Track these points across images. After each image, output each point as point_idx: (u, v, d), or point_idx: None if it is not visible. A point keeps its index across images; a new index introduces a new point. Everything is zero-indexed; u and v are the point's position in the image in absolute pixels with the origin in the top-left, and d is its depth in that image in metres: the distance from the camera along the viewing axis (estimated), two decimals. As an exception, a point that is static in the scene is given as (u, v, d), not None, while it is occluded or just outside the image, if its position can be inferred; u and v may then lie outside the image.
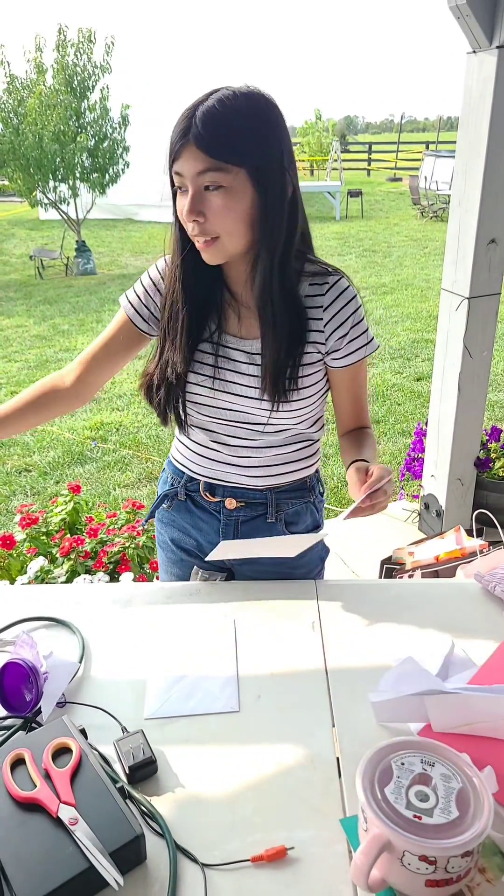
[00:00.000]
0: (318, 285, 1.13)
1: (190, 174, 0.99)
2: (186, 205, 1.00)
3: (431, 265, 9.60)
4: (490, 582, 1.18)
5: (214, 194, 0.99)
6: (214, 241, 1.04)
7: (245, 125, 0.98)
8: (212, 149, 0.96)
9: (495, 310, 2.60)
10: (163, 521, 1.39)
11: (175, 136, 0.98)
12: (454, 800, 0.71)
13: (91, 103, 10.08)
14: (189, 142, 0.96)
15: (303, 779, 0.86)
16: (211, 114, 0.96)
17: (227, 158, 0.97)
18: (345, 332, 1.15)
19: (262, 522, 1.28)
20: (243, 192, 1.00)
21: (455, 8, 2.13)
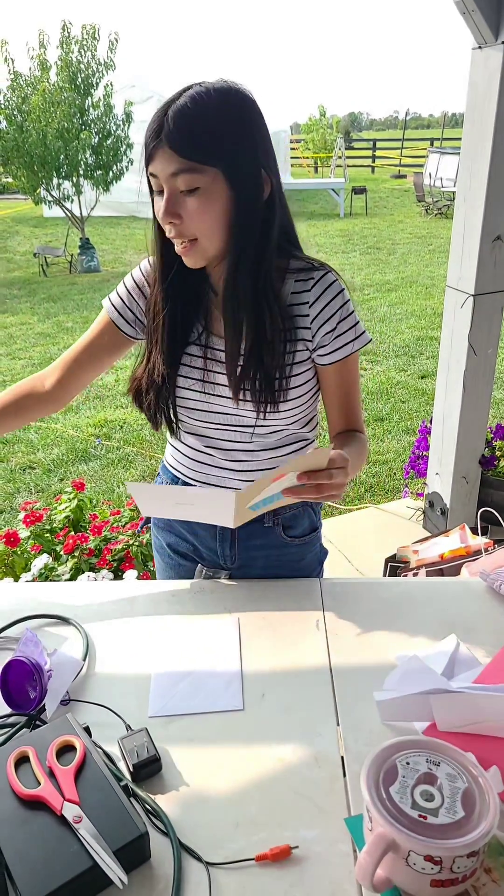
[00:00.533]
0: (303, 281, 1.10)
1: (164, 176, 0.96)
2: (162, 207, 0.98)
3: (436, 262, 9.57)
4: (496, 580, 1.17)
5: (190, 196, 0.97)
6: (193, 244, 1.01)
7: (218, 123, 0.95)
8: (184, 149, 0.93)
9: (500, 307, 2.59)
10: (158, 526, 1.37)
11: (148, 137, 0.95)
12: (460, 799, 0.70)
13: (95, 100, 10.06)
14: (162, 143, 0.94)
15: (307, 777, 0.85)
16: (183, 113, 0.93)
17: (200, 159, 0.94)
18: (332, 328, 1.11)
19: (260, 527, 1.26)
20: (219, 193, 0.97)
21: (460, 3, 2.11)
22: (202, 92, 0.95)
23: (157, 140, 0.94)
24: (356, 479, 3.82)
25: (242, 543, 1.27)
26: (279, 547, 1.28)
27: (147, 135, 0.96)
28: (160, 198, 0.99)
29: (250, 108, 0.98)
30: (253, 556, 1.28)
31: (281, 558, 1.29)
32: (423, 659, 1.00)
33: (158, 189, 0.99)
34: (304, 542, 1.31)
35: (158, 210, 1.00)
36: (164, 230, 1.03)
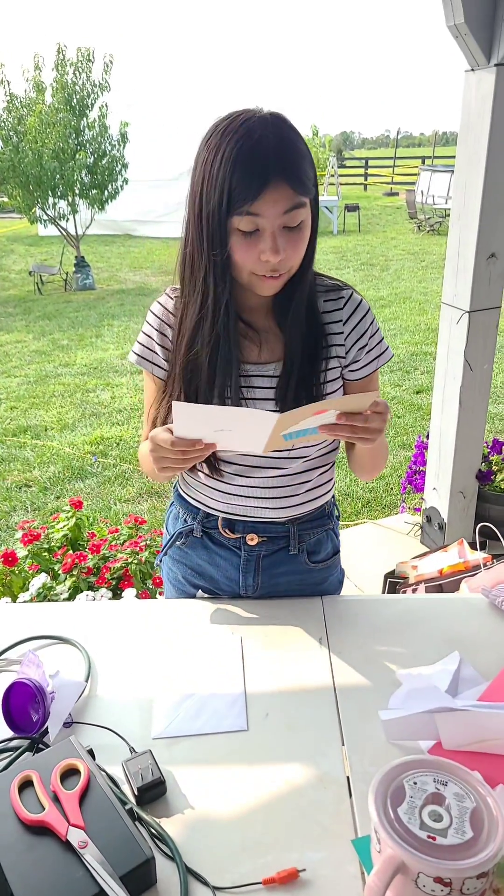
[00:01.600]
0: (333, 300, 1.14)
1: (274, 214, 0.94)
2: (269, 247, 0.95)
3: (429, 278, 9.66)
4: (497, 596, 1.17)
5: (293, 230, 0.97)
6: (284, 274, 1.01)
7: (308, 155, 0.96)
8: (298, 184, 0.93)
9: (495, 323, 2.61)
10: (174, 558, 1.33)
11: (253, 178, 0.91)
12: (468, 819, 0.70)
13: (90, 121, 10.18)
14: (275, 181, 0.91)
15: (313, 799, 0.85)
16: (291, 147, 0.93)
17: (306, 192, 0.95)
18: (364, 344, 1.15)
19: (285, 555, 1.24)
20: (309, 222, 0.99)
21: (453, 27, 2.16)
22: (281, 123, 0.94)
23: (267, 177, 0.91)
24: (353, 495, 3.83)
25: (266, 572, 1.25)
26: (302, 573, 1.27)
27: (244, 174, 0.91)
28: (250, 237, 0.96)
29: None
30: (276, 583, 1.26)
31: (303, 583, 1.28)
32: (427, 676, 1.00)
33: (252, 229, 0.95)
34: (327, 565, 1.30)
35: (262, 251, 0.96)
36: (226, 274, 1.00)
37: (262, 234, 0.96)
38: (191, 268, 1.04)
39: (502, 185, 2.35)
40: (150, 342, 1.18)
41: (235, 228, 0.96)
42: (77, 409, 5.32)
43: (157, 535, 2.36)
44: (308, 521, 1.25)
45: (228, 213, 0.94)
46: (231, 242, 0.97)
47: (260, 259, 0.97)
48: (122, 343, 7.08)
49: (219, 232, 0.96)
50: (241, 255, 0.98)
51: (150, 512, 3.76)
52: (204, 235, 0.98)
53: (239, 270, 1.01)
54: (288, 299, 1.08)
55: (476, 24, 2.11)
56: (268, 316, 1.13)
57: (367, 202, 19.86)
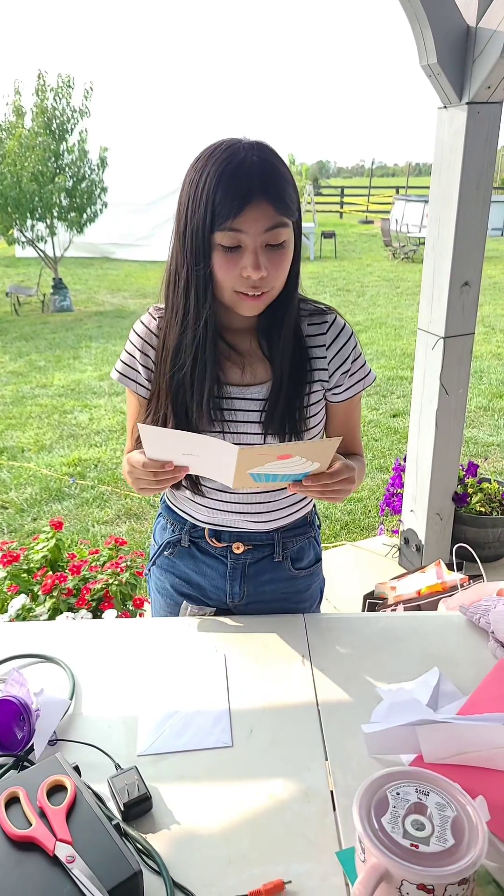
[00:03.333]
0: (317, 324, 1.17)
1: (256, 231, 0.97)
2: (251, 263, 0.98)
3: (404, 304, 9.84)
4: (475, 614, 1.21)
5: (276, 250, 1.00)
6: (266, 294, 1.04)
7: (291, 176, 1.01)
8: (280, 204, 0.97)
9: (469, 348, 2.68)
10: (162, 567, 1.36)
11: (235, 195, 0.95)
12: (449, 828, 0.72)
13: (70, 145, 10.28)
14: (257, 198, 0.96)
15: (298, 813, 0.86)
16: (273, 169, 0.98)
17: (288, 213, 0.99)
18: (347, 368, 1.18)
19: (270, 562, 1.29)
20: (292, 243, 1.03)
21: (427, 67, 2.25)
22: (265, 147, 1.00)
23: (250, 196, 0.95)
24: (331, 517, 3.86)
25: (252, 580, 1.29)
26: (287, 580, 1.31)
27: (226, 193, 0.95)
28: (231, 253, 0.99)
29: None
30: (261, 591, 1.30)
31: (287, 590, 1.32)
32: (408, 692, 1.03)
33: (234, 244, 0.98)
34: (310, 572, 1.35)
35: (243, 267, 0.99)
36: (206, 291, 1.03)
37: (243, 251, 0.99)
38: (174, 284, 1.07)
39: (474, 216, 2.43)
40: (132, 360, 1.20)
41: (218, 244, 0.99)
42: (54, 431, 5.30)
43: (138, 557, 2.36)
44: (291, 528, 1.29)
45: (212, 229, 0.98)
46: (213, 259, 1.00)
47: (241, 275, 1.00)
48: (100, 365, 7.08)
49: (202, 248, 1.00)
50: (223, 271, 1.01)
51: (129, 534, 3.75)
52: (188, 251, 1.02)
53: (221, 288, 1.03)
54: (273, 323, 1.11)
55: (448, 64, 2.20)
56: (252, 339, 1.16)
57: (343, 229, 20.22)
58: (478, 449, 4.81)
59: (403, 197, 17.67)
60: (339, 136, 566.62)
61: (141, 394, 1.20)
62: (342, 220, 24.34)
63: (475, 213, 2.43)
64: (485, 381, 6.28)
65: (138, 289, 11.74)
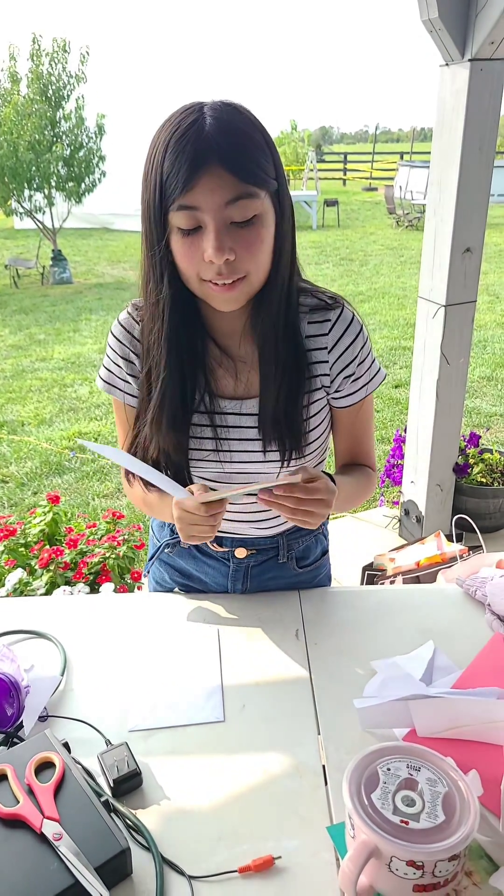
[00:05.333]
0: (318, 323, 1.01)
1: (214, 206, 0.81)
2: (212, 244, 0.82)
3: (407, 273, 9.71)
4: (471, 586, 1.19)
5: (245, 227, 0.84)
6: (241, 282, 0.87)
7: (263, 140, 0.84)
8: (242, 171, 0.80)
9: (471, 317, 2.64)
10: (162, 560, 1.29)
11: (182, 163, 0.79)
12: (440, 804, 0.71)
13: (66, 112, 10.07)
14: (210, 165, 0.79)
15: (289, 788, 0.85)
16: (232, 129, 0.80)
17: (255, 181, 0.82)
18: (351, 373, 1.04)
19: (274, 563, 1.23)
20: (269, 219, 0.86)
21: (427, 22, 2.17)
22: (229, 108, 0.82)
23: (202, 164, 0.79)
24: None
25: (255, 579, 1.24)
26: (291, 577, 1.25)
27: (177, 163, 0.79)
28: (190, 236, 0.84)
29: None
30: (265, 587, 1.25)
31: (291, 584, 1.26)
32: (402, 665, 1.01)
33: (191, 226, 0.83)
34: (316, 566, 1.29)
35: (205, 250, 0.83)
36: (176, 279, 0.89)
37: (204, 231, 0.83)
38: (142, 277, 0.94)
39: (477, 179, 2.37)
40: (118, 370, 1.07)
41: (175, 227, 0.85)
42: (54, 404, 5.27)
43: (136, 530, 2.36)
44: (297, 530, 1.22)
45: (164, 208, 0.83)
46: (172, 244, 0.86)
47: (204, 260, 0.85)
48: (100, 337, 7.03)
49: (156, 230, 0.86)
50: (184, 258, 0.86)
51: (129, 507, 3.74)
52: (144, 236, 0.89)
53: (186, 279, 0.89)
54: (263, 321, 0.96)
55: (450, 18, 2.12)
56: (245, 342, 1.01)
57: (346, 197, 19.91)
58: (480, 419, 4.77)
59: (408, 163, 17.32)
60: (343, 101, 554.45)
61: (131, 404, 1.08)
62: (345, 188, 23.94)
63: (478, 175, 2.36)
64: (489, 351, 6.22)
65: (139, 260, 11.56)
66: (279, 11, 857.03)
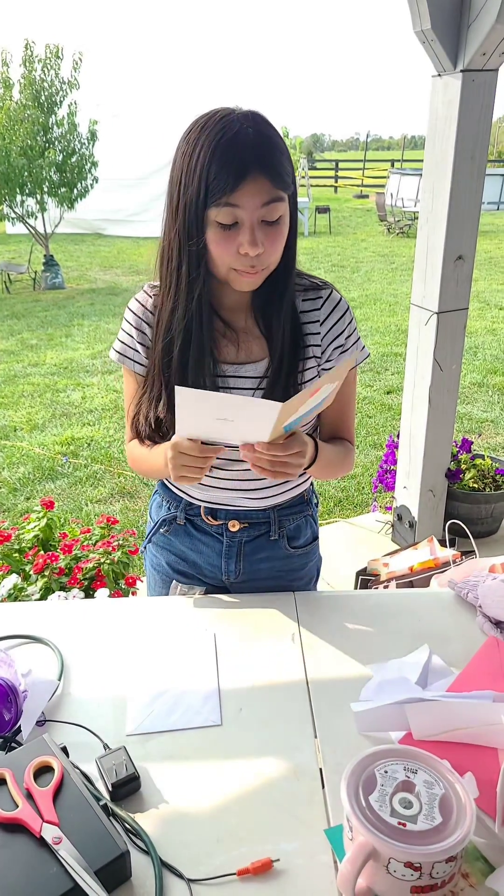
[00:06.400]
0: (311, 300, 1.15)
1: (253, 206, 0.94)
2: (248, 240, 0.96)
3: (399, 280, 9.77)
4: (463, 589, 1.20)
5: (273, 225, 0.98)
6: (264, 270, 1.02)
7: (286, 148, 0.98)
8: (277, 178, 0.94)
9: (463, 324, 2.66)
10: (157, 545, 1.35)
11: (231, 168, 0.92)
12: (437, 806, 0.72)
13: (59, 118, 10.08)
14: (254, 173, 0.92)
15: (287, 791, 0.86)
16: (269, 141, 0.94)
17: (284, 186, 0.96)
18: (340, 344, 1.16)
19: (266, 541, 1.27)
20: (287, 218, 1.00)
21: (420, 33, 2.19)
22: (259, 118, 0.96)
23: (246, 170, 0.92)
24: (325, 494, 3.86)
25: (248, 558, 1.28)
26: (283, 558, 1.30)
27: (222, 166, 0.92)
28: (228, 230, 0.96)
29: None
30: (257, 569, 1.29)
31: (284, 568, 1.31)
32: (397, 668, 1.02)
33: (230, 221, 0.96)
34: (307, 551, 1.34)
35: (240, 244, 0.96)
36: (201, 266, 1.00)
37: (240, 227, 0.96)
38: (168, 261, 1.04)
39: (468, 188, 2.40)
40: (130, 339, 1.18)
41: (214, 221, 0.96)
42: (47, 410, 5.26)
43: (130, 535, 2.36)
44: (288, 507, 1.28)
45: (206, 205, 0.95)
46: (208, 236, 0.97)
47: (238, 252, 0.98)
48: (92, 343, 7.02)
49: (196, 223, 0.97)
50: (220, 248, 0.98)
51: (123, 512, 3.74)
52: (181, 227, 0.99)
53: (217, 265, 1.01)
54: (270, 300, 1.09)
55: (442, 30, 2.14)
56: (247, 316, 1.14)
57: (338, 204, 20.01)
58: (472, 425, 4.80)
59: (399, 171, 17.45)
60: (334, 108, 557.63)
61: (141, 373, 1.18)
62: (337, 195, 24.07)
63: (469, 184, 2.39)
64: (479, 357, 6.26)
65: (131, 265, 11.61)
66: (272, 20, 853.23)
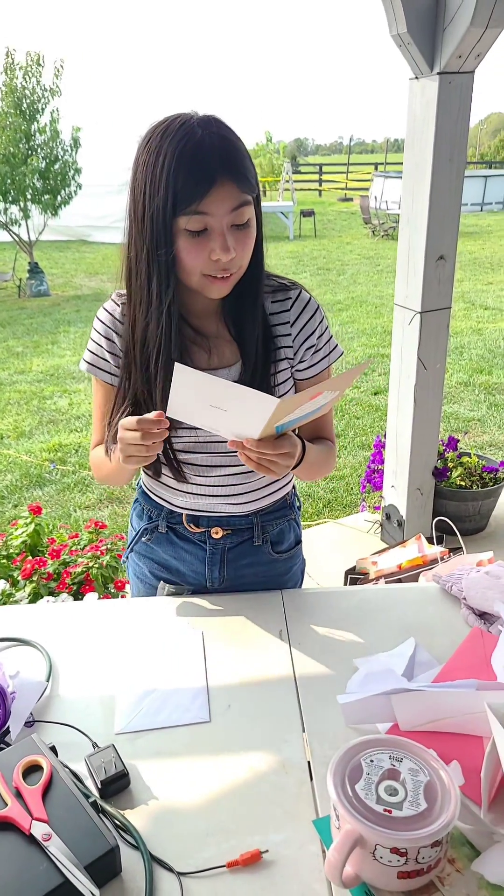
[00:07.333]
0: (280, 301, 1.15)
1: (222, 213, 0.94)
2: (220, 246, 0.96)
3: (384, 282, 9.82)
4: (447, 582, 1.21)
5: (242, 229, 0.98)
6: (234, 275, 1.02)
7: (247, 153, 0.98)
8: (243, 182, 0.94)
9: (446, 323, 2.69)
10: (140, 553, 1.34)
11: (198, 177, 0.92)
12: (422, 792, 0.73)
13: (41, 126, 10.07)
14: (221, 179, 0.92)
15: (275, 783, 0.87)
16: (232, 146, 0.94)
17: (250, 190, 0.96)
18: (312, 344, 1.16)
19: (249, 546, 1.27)
20: (255, 220, 1.00)
21: (397, 36, 2.22)
22: (220, 123, 0.95)
23: (213, 176, 0.92)
24: (314, 496, 3.87)
25: (231, 564, 1.27)
26: (267, 563, 1.29)
27: (188, 174, 0.91)
28: (198, 237, 0.96)
29: None
30: (242, 575, 1.28)
31: (269, 574, 1.30)
32: (383, 662, 1.03)
33: (200, 228, 0.95)
34: (291, 555, 1.33)
35: (212, 250, 0.96)
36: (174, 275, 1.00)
37: (211, 234, 0.96)
38: (136, 274, 1.03)
39: (448, 189, 2.42)
40: (99, 349, 1.16)
41: (183, 229, 0.95)
42: (34, 417, 5.25)
43: (119, 540, 2.36)
44: (270, 511, 1.28)
45: (175, 213, 0.94)
46: (178, 244, 0.97)
47: (210, 259, 0.97)
48: (78, 349, 7.01)
49: (164, 233, 0.96)
50: (191, 256, 0.97)
51: (111, 518, 3.73)
52: (147, 238, 0.98)
53: (188, 273, 1.00)
54: (240, 303, 1.09)
55: (418, 33, 2.17)
56: (217, 321, 1.13)
57: (322, 207, 20.10)
58: (458, 424, 4.84)
59: (382, 174, 17.56)
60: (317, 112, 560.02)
61: (111, 382, 1.17)
62: (321, 199, 24.18)
63: (449, 185, 2.42)
64: (465, 357, 6.31)
65: (116, 272, 11.43)
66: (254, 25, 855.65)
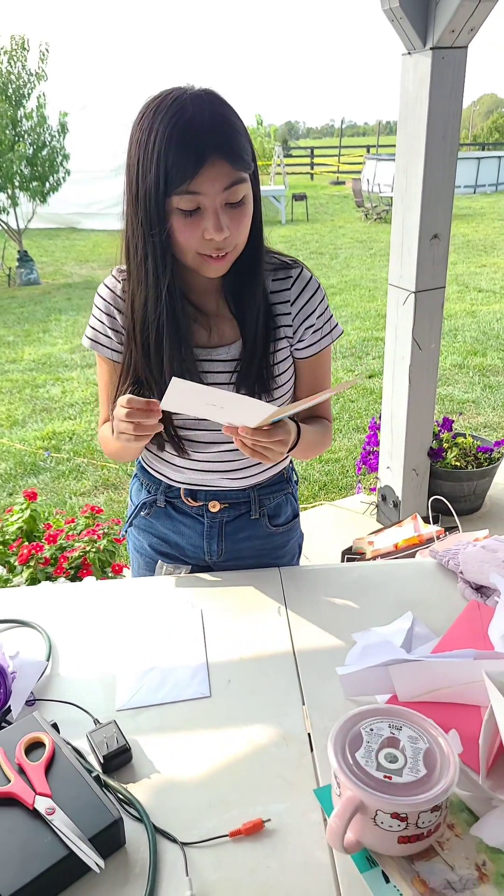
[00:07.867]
0: (281, 279, 1.14)
1: (215, 191, 0.92)
2: (213, 225, 0.94)
3: (377, 265, 9.78)
4: (444, 557, 1.22)
5: (236, 207, 0.96)
6: (230, 253, 1.00)
7: (243, 127, 0.95)
8: (237, 160, 0.92)
9: (441, 303, 2.68)
10: (139, 528, 1.35)
11: (189, 155, 0.89)
12: (422, 759, 0.74)
13: (28, 111, 9.94)
14: (213, 157, 0.90)
15: (276, 755, 0.87)
16: (226, 122, 0.91)
17: (244, 167, 0.94)
18: (312, 323, 1.16)
19: (247, 520, 1.28)
20: (251, 198, 0.99)
21: (389, 11, 2.19)
22: (214, 97, 0.92)
23: (205, 154, 0.89)
24: (310, 478, 3.88)
25: (230, 538, 1.29)
26: (264, 537, 1.31)
27: (181, 152, 0.89)
28: (191, 216, 0.94)
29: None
30: (239, 549, 1.30)
31: (266, 547, 1.32)
32: (381, 635, 1.04)
33: (192, 207, 0.94)
34: (288, 528, 1.35)
35: (206, 229, 0.95)
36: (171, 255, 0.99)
37: (204, 213, 0.94)
38: (133, 252, 1.02)
39: (441, 166, 2.41)
40: (101, 326, 1.16)
41: (175, 208, 0.94)
42: (27, 405, 5.23)
43: (115, 524, 2.36)
44: (268, 486, 1.29)
45: (167, 193, 0.92)
46: (172, 223, 0.96)
47: (204, 238, 0.96)
48: (70, 337, 6.97)
49: (157, 212, 0.94)
50: (184, 235, 0.96)
51: (107, 504, 3.73)
52: (141, 218, 0.97)
53: (183, 252, 0.99)
54: (241, 282, 1.08)
55: (411, 7, 2.15)
56: (218, 299, 1.13)
57: (314, 191, 19.97)
58: (453, 406, 4.84)
59: (374, 156, 17.43)
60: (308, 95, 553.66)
61: (114, 358, 1.17)
62: (313, 182, 24.01)
63: (442, 163, 2.40)
64: (459, 339, 6.31)
65: (107, 259, 11.50)
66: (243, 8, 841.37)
